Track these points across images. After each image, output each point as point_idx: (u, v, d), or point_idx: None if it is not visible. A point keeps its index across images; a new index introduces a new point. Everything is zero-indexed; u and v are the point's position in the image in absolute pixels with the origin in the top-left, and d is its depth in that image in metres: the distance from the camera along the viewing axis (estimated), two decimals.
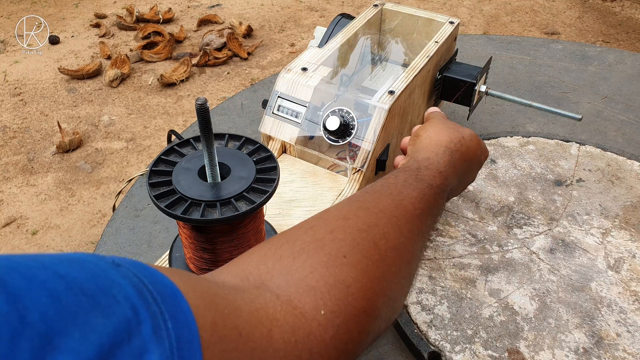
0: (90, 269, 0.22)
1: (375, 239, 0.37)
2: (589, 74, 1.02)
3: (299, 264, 0.33)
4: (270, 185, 0.45)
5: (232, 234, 0.46)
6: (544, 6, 2.95)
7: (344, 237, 0.36)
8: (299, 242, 0.35)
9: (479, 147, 0.54)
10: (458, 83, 0.76)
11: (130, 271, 0.23)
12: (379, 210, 0.39)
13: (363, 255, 0.35)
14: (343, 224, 0.37)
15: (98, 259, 0.23)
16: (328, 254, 0.34)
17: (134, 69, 2.42)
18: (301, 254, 0.34)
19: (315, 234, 0.36)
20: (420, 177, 0.45)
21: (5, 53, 2.58)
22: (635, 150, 0.82)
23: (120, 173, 1.92)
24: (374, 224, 0.38)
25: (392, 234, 0.38)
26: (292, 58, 1.79)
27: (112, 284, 0.22)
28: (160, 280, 0.24)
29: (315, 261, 0.33)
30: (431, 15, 0.80)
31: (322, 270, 0.33)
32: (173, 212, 0.42)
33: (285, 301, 0.30)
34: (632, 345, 0.53)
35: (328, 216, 0.39)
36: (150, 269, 0.25)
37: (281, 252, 0.34)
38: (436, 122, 0.56)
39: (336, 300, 0.32)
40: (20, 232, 1.71)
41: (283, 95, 0.66)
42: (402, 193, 0.42)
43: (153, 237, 0.71)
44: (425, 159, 0.49)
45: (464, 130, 0.54)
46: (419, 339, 0.54)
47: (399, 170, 0.47)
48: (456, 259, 0.62)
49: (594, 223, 0.67)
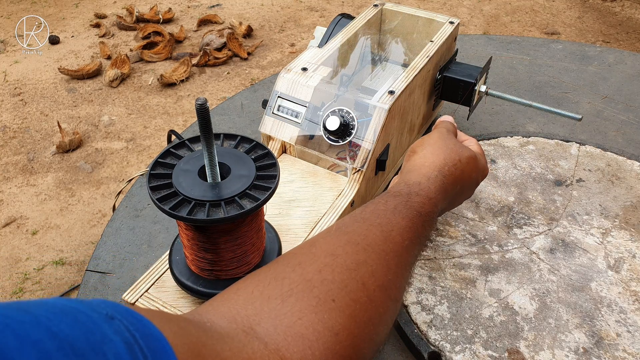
0: (84, 322, 0.22)
1: (364, 279, 0.36)
2: (589, 74, 1.02)
3: (287, 307, 0.33)
4: (272, 181, 0.45)
5: (235, 233, 0.46)
6: (544, 6, 2.95)
7: (332, 278, 0.35)
8: (287, 282, 0.35)
9: (475, 169, 0.53)
10: (458, 83, 0.76)
11: (123, 324, 0.23)
12: (367, 245, 0.39)
13: (351, 298, 0.35)
14: (331, 262, 0.36)
15: (92, 310, 0.23)
16: (317, 297, 0.34)
17: (134, 69, 2.42)
18: (290, 295, 0.33)
19: (304, 272, 0.35)
20: (409, 205, 0.45)
21: (5, 53, 2.58)
22: (635, 150, 0.82)
23: (120, 173, 1.92)
24: (362, 261, 0.37)
25: (380, 271, 0.38)
26: (292, 58, 1.79)
27: (104, 340, 0.22)
28: (152, 334, 0.24)
29: (304, 305, 0.33)
30: (431, 15, 0.80)
31: (310, 316, 0.32)
32: (178, 214, 0.41)
33: (274, 350, 0.30)
34: (632, 345, 0.53)
35: (316, 251, 0.38)
36: (142, 320, 0.25)
37: (269, 291, 0.34)
38: (436, 138, 0.54)
39: (324, 350, 0.32)
40: (20, 232, 1.71)
41: (283, 95, 0.66)
42: (392, 222, 0.42)
43: (153, 237, 0.71)
44: (416, 184, 0.48)
45: (463, 151, 0.53)
46: (419, 339, 0.54)
47: (390, 195, 0.46)
48: (456, 259, 0.62)
49: (594, 223, 0.67)
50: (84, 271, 0.86)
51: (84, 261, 1.62)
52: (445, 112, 0.91)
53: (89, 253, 1.64)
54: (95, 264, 0.68)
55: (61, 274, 1.59)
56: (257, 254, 0.50)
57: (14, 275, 1.59)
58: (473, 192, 0.56)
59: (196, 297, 0.50)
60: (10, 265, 1.62)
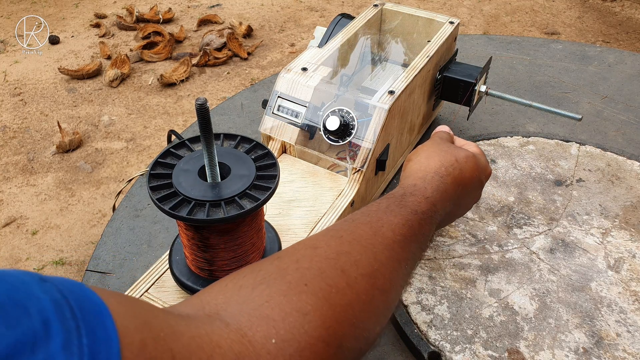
0: (10, 282, 0.22)
1: (345, 267, 0.36)
2: (589, 74, 1.02)
3: (256, 293, 0.32)
4: (272, 181, 0.45)
5: (235, 233, 0.46)
6: (544, 6, 2.95)
7: (309, 266, 0.35)
8: (262, 272, 0.34)
9: (476, 168, 0.53)
10: (458, 83, 0.76)
11: (56, 287, 0.23)
12: (352, 239, 0.38)
13: (327, 283, 0.34)
14: (311, 253, 0.36)
15: (24, 275, 0.23)
16: (288, 282, 0.33)
17: (134, 69, 2.42)
18: (261, 283, 0.33)
19: (280, 263, 0.35)
20: (403, 204, 0.44)
21: (5, 53, 2.58)
22: (635, 150, 0.82)
23: (120, 173, 1.92)
24: (344, 252, 0.37)
25: (364, 261, 0.37)
26: (292, 58, 1.79)
27: (29, 297, 0.21)
28: (87, 297, 0.24)
29: (274, 290, 0.32)
30: (431, 15, 0.80)
31: (279, 298, 0.32)
32: (179, 214, 0.42)
33: (235, 329, 0.30)
34: (632, 345, 0.53)
35: (298, 246, 0.38)
36: (82, 287, 0.24)
37: (242, 282, 0.33)
38: (431, 145, 0.54)
39: (290, 329, 0.31)
40: (20, 232, 1.71)
41: (283, 95, 0.66)
42: (382, 220, 0.41)
43: (153, 237, 0.71)
44: (411, 186, 0.48)
45: (459, 152, 0.52)
46: (419, 339, 0.54)
47: (383, 197, 0.46)
48: (456, 259, 0.62)
49: (594, 223, 0.67)
50: (84, 271, 0.86)
51: (84, 261, 1.62)
52: (445, 112, 0.91)
53: (89, 253, 1.64)
54: (95, 264, 0.68)
55: (61, 274, 1.59)
56: (258, 253, 0.50)
57: None
58: (480, 193, 0.56)
59: None
60: (10, 265, 1.62)
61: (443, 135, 0.57)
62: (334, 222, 0.58)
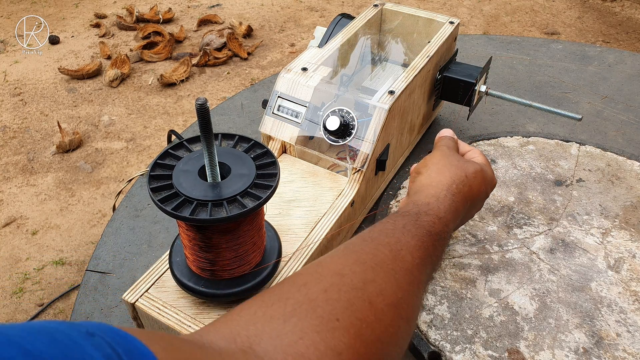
0: (61, 340, 0.21)
1: (372, 297, 0.35)
2: (589, 74, 1.02)
3: (289, 327, 0.32)
4: (273, 180, 0.45)
5: (236, 233, 0.46)
6: (544, 6, 2.95)
7: (338, 297, 0.34)
8: (291, 302, 0.34)
9: (483, 182, 0.52)
10: (458, 83, 0.76)
11: (104, 340, 0.23)
12: (375, 264, 0.38)
13: (357, 317, 0.34)
14: (338, 281, 0.36)
15: (71, 329, 0.23)
16: (320, 316, 0.33)
17: (134, 69, 2.42)
18: (292, 315, 0.32)
19: (309, 292, 0.34)
20: (419, 224, 0.44)
21: (5, 53, 2.58)
22: (635, 150, 0.82)
23: (120, 173, 1.92)
24: (370, 279, 0.36)
25: (389, 289, 0.37)
26: (292, 58, 1.79)
27: (83, 355, 0.21)
28: (135, 347, 0.23)
29: (306, 325, 0.32)
30: (431, 15, 0.80)
31: (312, 335, 0.31)
32: (181, 215, 0.41)
33: None
34: (632, 345, 0.53)
35: (323, 271, 0.37)
36: (127, 337, 0.24)
37: (272, 312, 0.33)
38: (440, 157, 0.53)
39: None
40: (20, 232, 1.71)
41: (283, 95, 0.66)
42: (401, 241, 0.41)
43: (153, 237, 0.71)
44: (425, 204, 0.47)
45: (468, 167, 0.52)
46: (419, 339, 0.54)
47: (398, 215, 0.46)
48: (456, 259, 0.62)
49: (594, 223, 0.67)
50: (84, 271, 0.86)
51: (84, 261, 1.62)
52: (445, 112, 0.91)
53: (89, 253, 1.64)
54: (95, 264, 0.68)
55: (61, 274, 1.59)
56: (258, 253, 0.50)
57: (14, 275, 1.59)
58: (483, 204, 0.56)
59: (197, 297, 0.50)
60: (10, 265, 1.62)
61: (449, 144, 0.57)
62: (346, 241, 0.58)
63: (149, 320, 0.51)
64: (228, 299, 0.49)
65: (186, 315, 0.49)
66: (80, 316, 0.61)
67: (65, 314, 1.48)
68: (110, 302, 0.63)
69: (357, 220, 0.67)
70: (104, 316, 0.61)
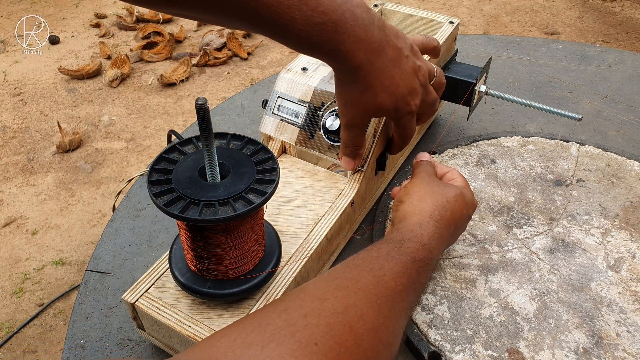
0: None
1: (352, 322, 0.35)
2: (589, 74, 1.02)
3: (267, 352, 0.32)
4: (270, 186, 0.45)
5: (236, 232, 0.46)
6: (544, 6, 2.95)
7: (317, 322, 0.34)
8: (271, 328, 0.34)
9: (464, 206, 0.54)
10: (458, 83, 0.76)
11: None
12: (358, 289, 0.38)
13: (336, 341, 0.34)
14: (319, 306, 0.36)
15: None
16: (298, 341, 0.33)
17: (134, 69, 2.42)
18: (271, 341, 0.33)
19: (289, 317, 0.35)
20: (403, 251, 0.45)
21: (5, 53, 2.58)
22: (635, 150, 0.82)
23: (120, 173, 1.92)
24: (351, 304, 0.37)
25: (370, 314, 0.37)
26: (292, 58, 1.79)
27: None
28: None
29: (284, 350, 0.32)
30: (431, 15, 0.80)
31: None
32: (181, 215, 0.42)
33: None
34: (632, 345, 0.53)
35: (304, 296, 0.37)
36: None
37: (251, 338, 0.33)
38: (420, 185, 0.55)
39: None
40: (20, 232, 1.71)
41: (283, 95, 0.66)
42: (384, 267, 0.42)
43: (153, 237, 0.71)
44: (408, 231, 0.48)
45: (448, 191, 0.53)
46: (419, 339, 0.54)
47: (383, 242, 0.46)
48: (456, 259, 0.62)
49: (594, 223, 0.67)
50: (84, 271, 0.86)
51: (84, 261, 1.62)
52: (445, 112, 0.91)
53: (89, 253, 1.64)
54: (95, 264, 0.68)
55: (61, 274, 1.59)
56: (258, 253, 0.50)
57: (14, 275, 1.59)
58: (466, 226, 0.57)
59: (196, 297, 0.50)
60: (10, 265, 1.62)
61: (428, 170, 0.58)
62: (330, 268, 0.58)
63: (148, 320, 0.51)
64: (228, 299, 0.49)
65: (186, 315, 0.49)
66: (80, 316, 0.61)
67: (65, 314, 1.48)
68: (110, 302, 0.63)
69: (357, 220, 0.67)
70: (104, 316, 0.61)
